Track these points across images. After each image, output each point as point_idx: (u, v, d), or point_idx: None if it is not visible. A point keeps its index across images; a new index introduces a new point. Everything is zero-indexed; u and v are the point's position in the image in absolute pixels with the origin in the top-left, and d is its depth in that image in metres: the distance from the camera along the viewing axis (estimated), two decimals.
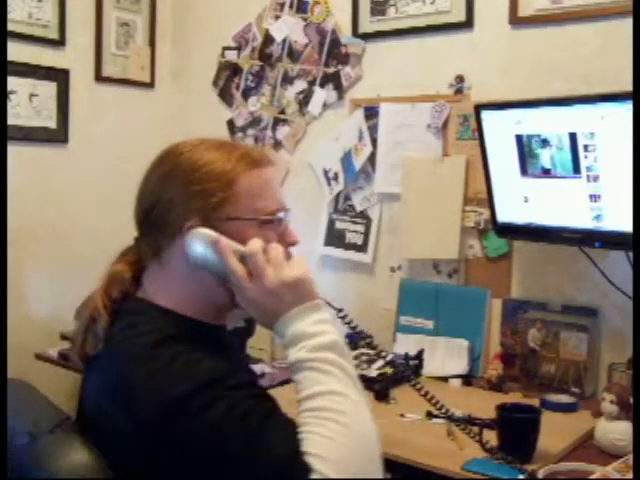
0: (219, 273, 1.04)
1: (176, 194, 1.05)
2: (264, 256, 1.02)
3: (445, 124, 2.34)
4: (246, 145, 1.13)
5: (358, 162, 2.52)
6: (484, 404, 1.76)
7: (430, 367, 2.19)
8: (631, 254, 1.91)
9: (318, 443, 0.93)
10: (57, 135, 2.73)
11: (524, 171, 1.97)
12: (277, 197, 1.10)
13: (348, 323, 1.08)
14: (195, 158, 1.06)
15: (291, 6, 2.70)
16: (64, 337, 2.45)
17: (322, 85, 2.63)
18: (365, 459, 0.95)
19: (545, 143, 1.90)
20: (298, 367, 0.99)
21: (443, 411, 1.30)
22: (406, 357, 2.16)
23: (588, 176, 1.83)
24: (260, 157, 1.10)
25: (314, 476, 0.91)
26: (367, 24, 2.51)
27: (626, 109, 1.70)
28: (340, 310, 1.07)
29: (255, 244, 1.02)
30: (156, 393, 0.94)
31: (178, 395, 0.93)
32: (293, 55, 2.70)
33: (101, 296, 1.07)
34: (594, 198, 1.84)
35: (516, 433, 1.57)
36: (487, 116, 2.03)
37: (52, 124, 2.72)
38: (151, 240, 1.08)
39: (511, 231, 2.10)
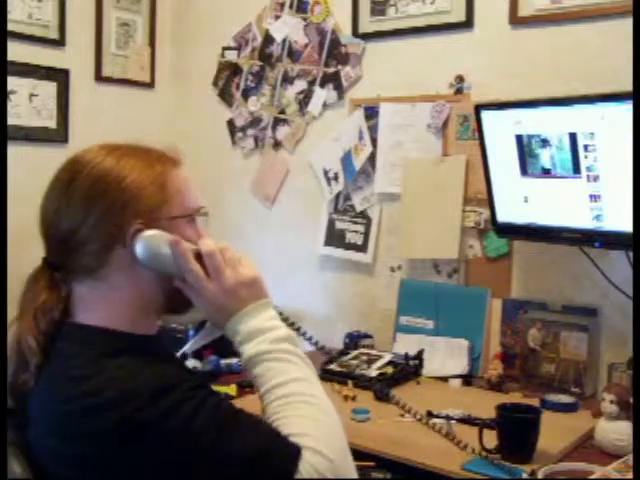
0: (170, 273, 1.04)
1: (109, 205, 1.02)
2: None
3: (445, 124, 2.34)
4: (153, 147, 1.11)
5: (358, 162, 2.52)
6: (484, 404, 1.76)
7: (430, 367, 2.19)
8: (631, 254, 1.91)
9: (299, 424, 0.95)
10: (57, 135, 2.73)
11: (524, 171, 1.97)
12: (196, 193, 1.12)
13: (292, 324, 1.09)
14: (120, 167, 1.04)
15: (291, 6, 2.70)
16: None
17: (322, 85, 2.63)
18: (340, 434, 0.99)
19: (545, 143, 1.90)
20: (258, 360, 1.00)
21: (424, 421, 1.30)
22: (406, 357, 2.16)
23: (588, 176, 1.83)
24: (176, 156, 1.12)
25: (306, 453, 0.92)
26: (367, 24, 2.51)
27: (626, 109, 1.70)
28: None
29: (211, 244, 1.04)
30: (110, 409, 0.91)
31: (135, 408, 0.90)
32: (293, 55, 2.70)
33: (31, 332, 1.02)
34: (594, 198, 1.84)
35: (516, 433, 1.57)
36: (487, 116, 2.03)
37: (52, 124, 2.72)
38: (81, 258, 1.03)
39: (511, 231, 2.10)
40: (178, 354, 2.14)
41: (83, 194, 1.03)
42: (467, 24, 2.29)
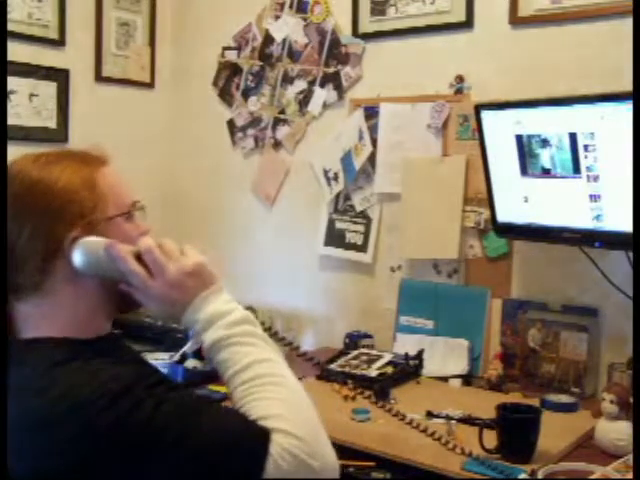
0: (112, 278, 1.02)
1: (42, 215, 1.00)
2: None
3: (445, 124, 2.34)
4: (76, 149, 1.09)
5: (358, 162, 2.52)
6: (484, 404, 1.76)
7: (430, 367, 2.18)
8: (631, 254, 1.91)
9: (267, 406, 0.93)
10: (57, 135, 2.73)
11: (524, 171, 1.97)
12: (129, 188, 1.09)
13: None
14: (47, 174, 1.01)
15: (291, 6, 2.70)
16: None
17: (322, 85, 2.63)
18: (310, 412, 0.97)
19: (545, 143, 1.90)
20: (220, 346, 0.98)
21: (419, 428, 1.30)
22: (406, 357, 2.16)
23: (588, 176, 1.83)
24: (101, 154, 1.09)
25: (276, 435, 0.90)
26: (367, 24, 2.51)
27: (626, 109, 1.70)
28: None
29: (148, 241, 1.01)
30: (70, 418, 0.89)
31: (96, 413, 0.89)
32: (293, 55, 2.70)
33: None
34: (594, 198, 1.84)
35: (516, 433, 1.57)
36: (487, 116, 2.03)
37: (52, 124, 2.72)
38: (24, 276, 1.00)
39: (511, 231, 2.10)
40: (178, 354, 2.14)
41: (15, 208, 1.00)
42: (467, 24, 2.29)
